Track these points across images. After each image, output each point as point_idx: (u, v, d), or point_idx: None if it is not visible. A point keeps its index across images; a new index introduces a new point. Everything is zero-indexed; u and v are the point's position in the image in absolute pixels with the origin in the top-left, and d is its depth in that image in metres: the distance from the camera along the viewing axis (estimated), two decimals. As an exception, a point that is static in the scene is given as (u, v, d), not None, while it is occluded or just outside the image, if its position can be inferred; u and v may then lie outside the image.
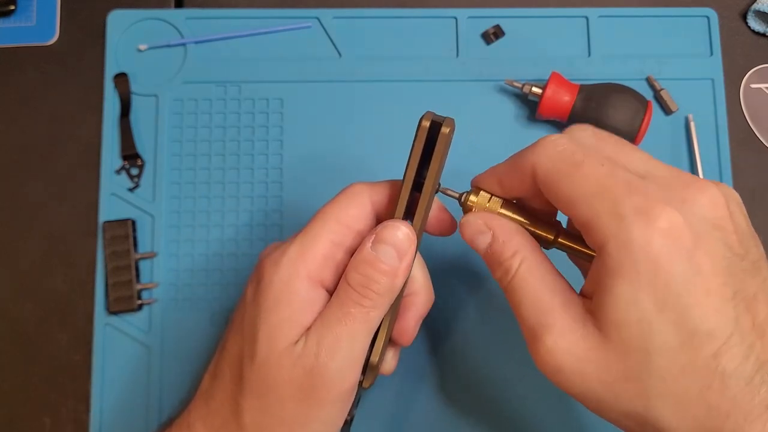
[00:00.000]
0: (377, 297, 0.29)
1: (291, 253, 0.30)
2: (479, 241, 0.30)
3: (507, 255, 0.28)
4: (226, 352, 0.32)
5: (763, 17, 0.49)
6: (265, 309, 0.30)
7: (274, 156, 0.47)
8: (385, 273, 0.29)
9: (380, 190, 0.32)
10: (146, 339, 0.44)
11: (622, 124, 0.43)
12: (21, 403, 0.44)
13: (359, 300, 0.29)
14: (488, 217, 0.30)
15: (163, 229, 0.46)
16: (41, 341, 0.44)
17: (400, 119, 0.47)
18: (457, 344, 0.44)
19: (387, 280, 0.29)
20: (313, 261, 0.30)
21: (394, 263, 0.29)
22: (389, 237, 0.29)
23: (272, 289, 0.30)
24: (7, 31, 0.49)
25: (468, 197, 0.31)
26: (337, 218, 0.31)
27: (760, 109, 0.49)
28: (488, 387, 0.43)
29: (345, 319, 0.29)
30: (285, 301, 0.29)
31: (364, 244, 0.30)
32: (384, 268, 0.29)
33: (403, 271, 0.30)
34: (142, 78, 0.48)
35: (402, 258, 0.29)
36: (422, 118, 0.29)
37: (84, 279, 0.45)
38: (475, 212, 0.31)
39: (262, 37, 0.49)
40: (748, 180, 0.47)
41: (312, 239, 0.30)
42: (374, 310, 0.29)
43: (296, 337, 0.29)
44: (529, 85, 0.46)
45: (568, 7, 0.49)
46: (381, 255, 0.29)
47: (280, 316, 0.29)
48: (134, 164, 0.46)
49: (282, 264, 0.30)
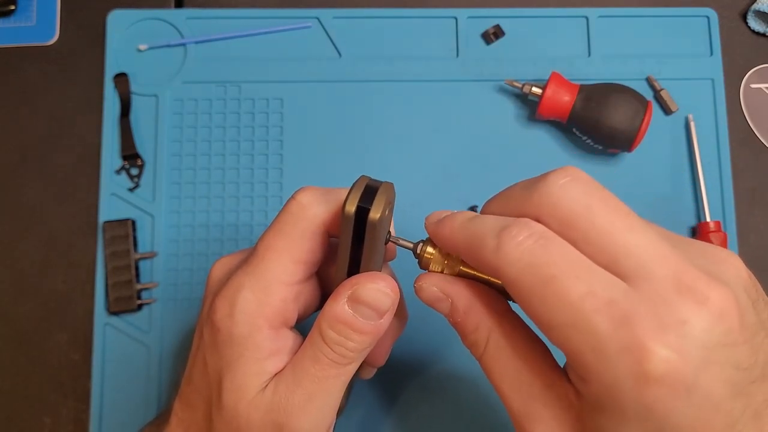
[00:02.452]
0: (355, 355, 0.27)
1: (246, 304, 0.27)
2: (439, 307, 0.26)
3: (470, 329, 0.25)
4: (194, 385, 0.30)
5: (763, 17, 0.49)
6: (227, 363, 0.27)
7: (274, 156, 0.47)
8: (365, 333, 0.26)
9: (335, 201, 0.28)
10: (146, 339, 0.44)
11: (622, 124, 0.43)
12: (21, 403, 0.44)
13: (336, 359, 0.26)
14: (443, 283, 0.26)
15: (163, 229, 0.46)
16: (41, 341, 0.44)
17: (400, 119, 0.47)
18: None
19: (367, 338, 0.26)
20: (271, 310, 0.27)
21: (375, 321, 0.26)
22: (367, 297, 0.26)
23: (232, 344, 0.27)
24: (7, 31, 0.49)
25: (424, 249, 0.27)
26: (290, 256, 0.27)
27: (760, 109, 0.49)
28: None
29: (319, 376, 0.26)
30: (248, 356, 0.27)
31: (337, 299, 0.26)
32: (364, 328, 0.26)
33: (384, 327, 0.27)
34: (142, 78, 0.48)
35: (383, 315, 0.26)
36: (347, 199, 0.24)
37: (84, 279, 0.45)
38: (429, 274, 0.27)
39: (262, 37, 0.49)
40: (748, 180, 0.47)
41: (266, 286, 0.27)
42: (352, 364, 0.27)
43: (264, 384, 0.27)
44: (529, 85, 0.46)
45: (568, 7, 0.49)
46: (360, 314, 0.26)
47: (245, 370, 0.27)
48: (134, 164, 0.46)
49: (238, 318, 0.27)
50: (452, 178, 0.47)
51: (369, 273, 0.26)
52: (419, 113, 0.48)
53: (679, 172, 0.47)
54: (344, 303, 0.26)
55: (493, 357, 0.25)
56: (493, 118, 0.48)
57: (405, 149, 0.47)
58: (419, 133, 0.47)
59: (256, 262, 0.27)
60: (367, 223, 0.24)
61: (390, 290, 0.26)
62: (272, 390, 0.27)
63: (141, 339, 0.44)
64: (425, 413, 0.43)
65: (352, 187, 0.24)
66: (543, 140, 0.47)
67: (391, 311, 0.27)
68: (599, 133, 0.44)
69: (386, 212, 0.25)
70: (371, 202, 0.24)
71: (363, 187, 0.24)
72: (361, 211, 0.24)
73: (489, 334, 0.25)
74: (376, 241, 0.25)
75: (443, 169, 0.47)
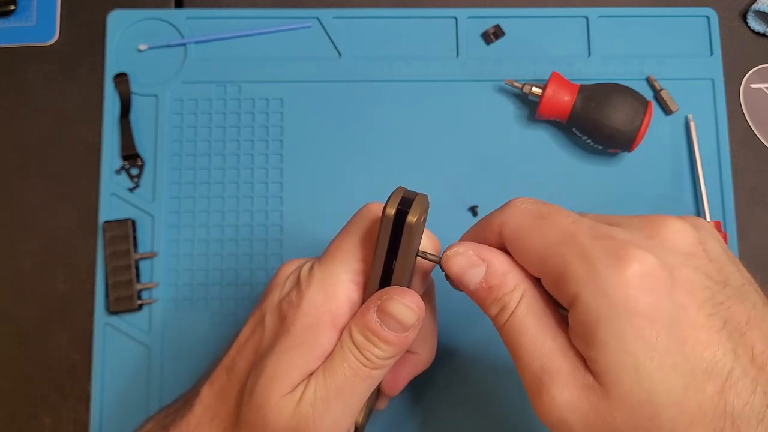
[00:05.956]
0: (381, 362, 0.28)
1: (315, 297, 0.29)
2: (470, 275, 0.27)
3: (507, 289, 0.26)
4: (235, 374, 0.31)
5: (763, 17, 0.49)
6: (279, 351, 0.29)
7: (274, 156, 0.47)
8: (390, 343, 0.28)
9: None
10: (146, 339, 0.44)
11: (622, 124, 0.43)
12: (21, 403, 0.44)
13: (363, 362, 0.28)
14: (479, 248, 0.27)
15: (163, 229, 0.46)
16: (41, 341, 0.44)
17: (400, 119, 0.47)
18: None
19: (393, 348, 0.28)
20: (337, 306, 0.29)
21: (400, 333, 0.28)
22: (393, 310, 0.28)
23: (294, 332, 0.29)
24: (7, 31, 0.49)
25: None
26: (356, 255, 0.29)
27: (760, 109, 0.49)
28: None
29: (346, 373, 0.28)
30: (302, 349, 0.28)
31: (369, 307, 0.28)
32: (389, 338, 0.28)
33: (410, 339, 0.28)
34: (142, 78, 0.48)
35: (407, 329, 0.28)
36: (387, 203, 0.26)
37: (84, 279, 0.45)
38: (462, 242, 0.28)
39: (262, 37, 0.49)
40: (748, 180, 0.47)
41: (334, 283, 0.29)
42: (378, 370, 0.29)
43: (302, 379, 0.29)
44: (529, 85, 0.46)
45: (568, 7, 0.49)
46: (386, 325, 0.28)
47: (291, 361, 0.28)
48: (134, 164, 0.46)
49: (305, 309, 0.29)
50: (452, 177, 0.47)
51: (398, 287, 0.28)
52: (419, 113, 0.48)
53: (679, 172, 0.47)
54: (373, 312, 0.28)
55: (522, 318, 0.26)
56: (493, 118, 0.48)
57: (405, 149, 0.47)
58: (419, 133, 0.47)
59: (328, 260, 0.29)
60: (405, 226, 0.26)
61: (415, 306, 0.28)
62: (302, 389, 0.28)
63: (141, 339, 0.44)
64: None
65: (391, 194, 0.26)
66: (543, 140, 0.47)
67: (415, 327, 0.28)
68: (599, 133, 0.44)
69: (422, 219, 0.26)
70: (409, 206, 0.26)
71: (402, 193, 0.26)
72: (400, 214, 0.26)
73: (523, 294, 0.26)
74: (411, 246, 0.27)
75: (443, 168, 0.47)
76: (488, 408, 0.43)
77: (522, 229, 0.26)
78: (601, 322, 0.23)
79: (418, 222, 0.26)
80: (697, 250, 0.24)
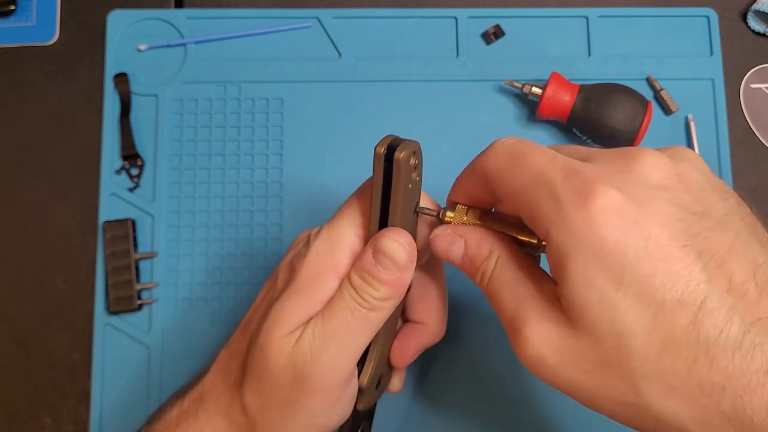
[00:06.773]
0: (377, 302, 0.29)
1: (321, 247, 0.30)
2: (453, 252, 0.29)
3: (482, 258, 0.28)
4: (248, 330, 0.33)
5: (763, 17, 0.49)
6: (286, 295, 0.30)
7: (274, 156, 0.47)
8: (384, 282, 0.29)
9: None
10: (146, 339, 0.44)
11: (622, 124, 0.43)
12: (21, 403, 0.44)
13: (360, 302, 0.29)
14: (457, 227, 0.30)
15: (163, 229, 0.46)
16: (41, 341, 0.44)
17: (400, 119, 0.47)
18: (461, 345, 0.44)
19: (387, 289, 0.29)
20: (341, 256, 0.30)
21: (394, 274, 0.29)
22: (385, 247, 0.29)
23: (299, 279, 0.30)
24: (7, 31, 0.49)
25: (445, 213, 0.31)
26: (360, 212, 0.30)
27: (760, 109, 0.49)
28: (489, 386, 0.43)
29: (344, 313, 0.29)
30: (305, 292, 0.30)
31: (366, 250, 0.29)
32: (383, 277, 0.29)
33: (404, 281, 0.29)
34: (142, 78, 0.48)
35: (401, 268, 0.29)
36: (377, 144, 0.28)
37: (84, 279, 0.45)
38: (442, 225, 0.30)
39: (262, 37, 0.49)
40: (748, 180, 0.47)
41: (339, 236, 0.30)
42: (374, 312, 0.29)
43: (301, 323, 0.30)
44: (529, 85, 0.46)
45: (568, 7, 0.49)
46: (381, 264, 0.29)
47: (295, 304, 0.30)
48: (134, 164, 0.46)
49: (311, 259, 0.30)
50: (452, 178, 0.46)
51: (392, 227, 0.29)
52: (419, 113, 0.48)
53: (679, 172, 0.47)
54: (369, 253, 0.29)
55: (498, 276, 0.27)
56: (493, 118, 0.48)
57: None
58: (419, 133, 0.47)
59: (335, 218, 0.31)
60: (393, 162, 0.27)
61: (407, 244, 0.29)
62: (301, 330, 0.29)
63: (141, 339, 0.44)
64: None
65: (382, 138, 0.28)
66: (543, 140, 0.47)
67: (408, 267, 0.29)
68: (599, 133, 0.44)
69: (411, 158, 0.28)
70: (398, 146, 0.27)
71: (392, 137, 0.28)
72: (390, 152, 0.27)
73: (498, 258, 0.28)
74: (402, 183, 0.28)
75: (443, 168, 0.47)
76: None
77: (501, 170, 0.27)
78: (568, 259, 0.23)
79: (406, 159, 0.27)
80: (671, 182, 0.24)
